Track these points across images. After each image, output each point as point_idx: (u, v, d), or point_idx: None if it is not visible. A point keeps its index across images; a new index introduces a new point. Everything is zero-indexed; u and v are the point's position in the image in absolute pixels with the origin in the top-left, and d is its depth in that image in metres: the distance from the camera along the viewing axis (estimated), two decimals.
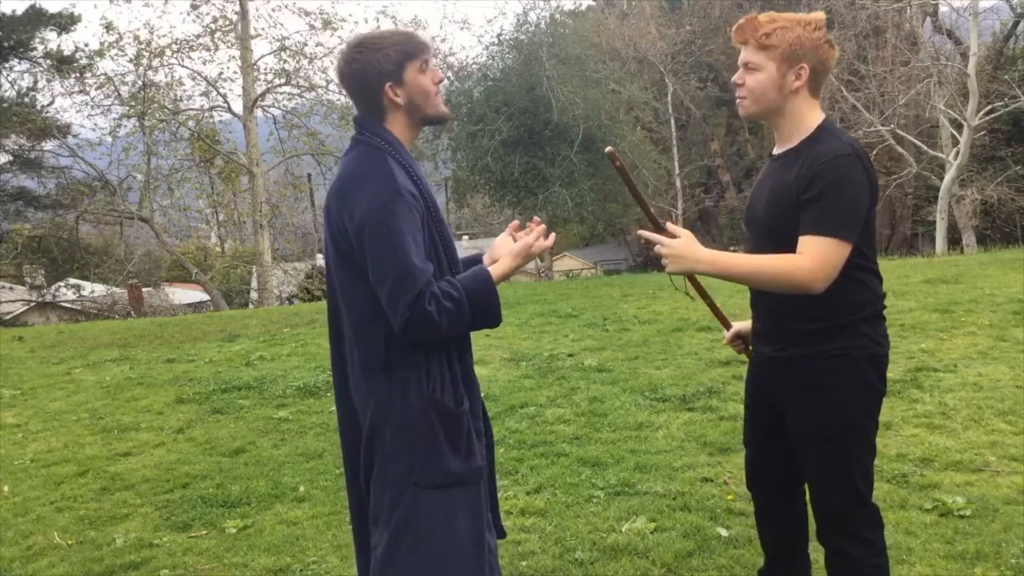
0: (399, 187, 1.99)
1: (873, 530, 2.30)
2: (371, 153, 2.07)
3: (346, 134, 20.73)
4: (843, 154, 2.09)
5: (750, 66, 2.19)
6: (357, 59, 2.08)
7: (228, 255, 30.39)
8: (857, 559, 2.26)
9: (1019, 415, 4.54)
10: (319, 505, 4.01)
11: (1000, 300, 7.81)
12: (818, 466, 2.31)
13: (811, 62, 2.15)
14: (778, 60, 2.14)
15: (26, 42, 23.47)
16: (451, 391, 2.07)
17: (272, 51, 29.16)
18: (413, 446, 2.03)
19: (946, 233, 18.78)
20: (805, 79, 2.16)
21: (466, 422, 2.08)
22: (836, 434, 2.23)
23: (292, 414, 5.81)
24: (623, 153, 19.43)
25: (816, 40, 2.15)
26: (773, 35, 2.14)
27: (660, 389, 5.65)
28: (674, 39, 24.01)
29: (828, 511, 2.31)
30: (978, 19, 17.75)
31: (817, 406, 2.24)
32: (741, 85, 2.22)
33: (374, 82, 2.07)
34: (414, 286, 1.93)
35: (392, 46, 2.08)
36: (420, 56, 2.10)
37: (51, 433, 5.83)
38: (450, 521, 2.05)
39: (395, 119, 2.12)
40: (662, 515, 3.55)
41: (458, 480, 2.05)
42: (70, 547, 3.73)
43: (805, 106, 2.20)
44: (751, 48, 2.18)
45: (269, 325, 10.87)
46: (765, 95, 2.18)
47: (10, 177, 25.89)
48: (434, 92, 2.13)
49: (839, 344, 2.19)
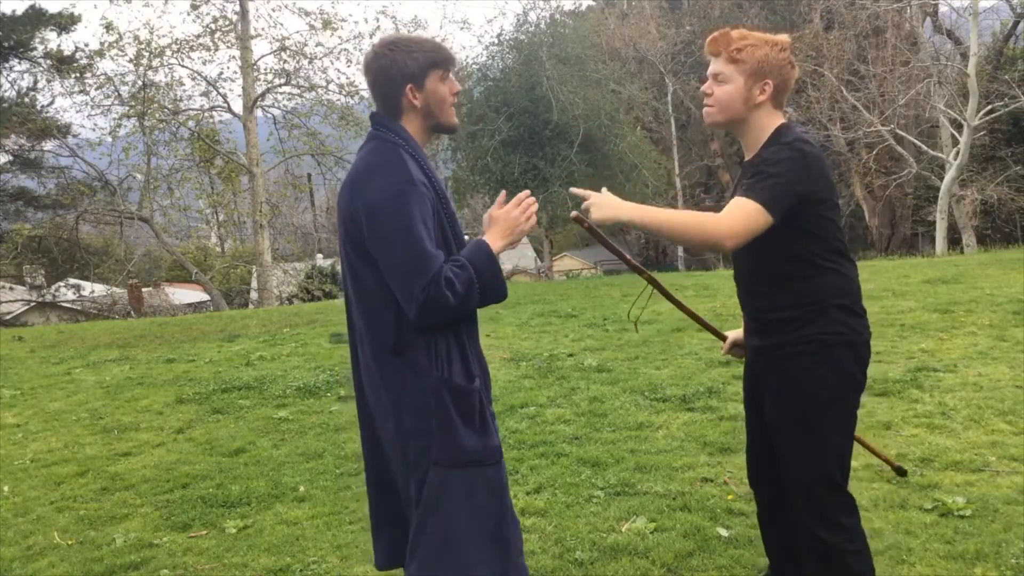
0: (412, 177, 2.05)
1: (849, 517, 2.34)
2: (385, 147, 2.14)
3: (346, 134, 20.75)
4: (786, 142, 2.25)
5: (719, 78, 2.33)
6: (386, 55, 2.15)
7: (228, 255, 30.37)
8: (835, 546, 2.30)
9: (1019, 415, 4.54)
10: (319, 505, 4.01)
11: (1000, 300, 7.81)
12: (792, 450, 2.36)
13: (775, 79, 2.30)
14: (746, 75, 2.29)
15: (26, 42, 23.47)
16: (461, 368, 2.11)
17: (272, 51, 29.17)
18: (429, 426, 2.07)
19: (946, 233, 18.79)
20: (768, 94, 2.31)
21: (478, 399, 2.12)
22: (809, 417, 2.30)
23: (292, 414, 5.81)
24: (623, 153, 19.46)
25: (781, 60, 2.31)
26: (744, 51, 2.29)
27: (660, 389, 5.65)
28: (674, 39, 24.04)
29: (802, 498, 2.35)
30: (978, 19, 17.74)
31: (790, 390, 2.32)
32: (710, 95, 2.36)
33: (398, 81, 2.15)
34: (428, 271, 1.98)
35: (421, 52, 2.17)
36: (445, 67, 2.20)
37: (51, 433, 5.83)
38: (470, 499, 2.08)
39: (410, 120, 2.19)
40: (662, 515, 3.55)
41: (475, 458, 2.09)
42: (70, 547, 3.72)
43: (767, 118, 2.33)
44: (722, 60, 2.33)
45: (269, 325, 10.87)
46: (731, 106, 2.32)
47: (10, 177, 25.91)
48: (449, 103, 2.22)
49: (813, 330, 2.28)
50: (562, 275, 26.83)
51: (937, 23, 22.46)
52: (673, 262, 27.37)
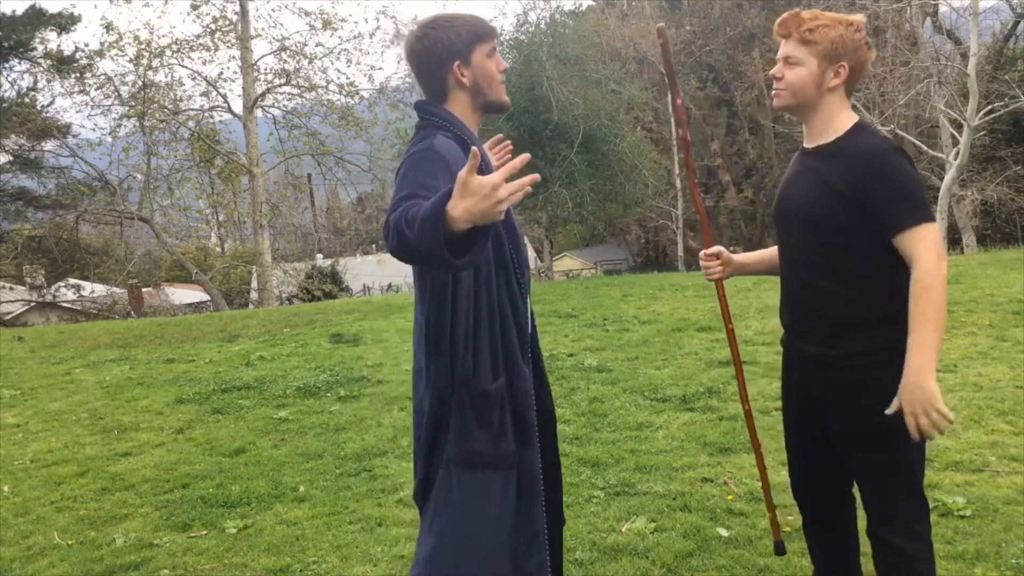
0: (439, 152, 1.95)
1: (921, 524, 2.24)
2: (426, 135, 2.05)
3: (346, 134, 20.75)
4: (888, 147, 2.10)
5: (791, 60, 2.19)
6: (428, 34, 2.07)
7: (228, 255, 30.35)
8: (909, 554, 2.20)
9: (1019, 415, 4.54)
10: (319, 505, 4.01)
11: (1000, 300, 7.82)
12: (875, 466, 2.22)
13: (851, 61, 2.16)
14: (819, 57, 2.16)
15: (26, 42, 23.46)
16: (488, 368, 2.03)
17: (272, 51, 29.19)
18: (447, 423, 2.04)
19: (946, 233, 18.79)
20: (844, 78, 2.17)
21: (498, 402, 2.05)
22: (896, 430, 2.10)
23: (292, 414, 5.81)
24: (623, 153, 19.45)
25: (857, 41, 2.16)
26: (817, 31, 2.14)
27: (660, 389, 5.64)
28: (674, 39, 24.01)
29: (885, 509, 2.23)
30: (978, 19, 17.73)
31: (871, 404, 2.14)
32: (780, 78, 2.22)
33: (444, 59, 2.07)
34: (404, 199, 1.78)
35: (464, 26, 2.08)
36: (489, 41, 2.11)
37: (51, 433, 5.83)
38: (480, 502, 2.04)
39: (457, 100, 2.11)
40: (662, 515, 3.55)
41: (485, 461, 2.04)
42: (70, 547, 3.72)
43: (838, 104, 2.21)
44: (793, 42, 2.18)
45: (269, 325, 10.87)
46: (804, 90, 2.19)
47: (10, 177, 25.89)
48: (499, 79, 2.13)
49: (889, 337, 2.12)
50: (562, 275, 26.83)
51: (937, 23, 22.46)
52: (673, 262, 27.37)
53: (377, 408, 5.82)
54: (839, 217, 2.14)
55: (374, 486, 4.22)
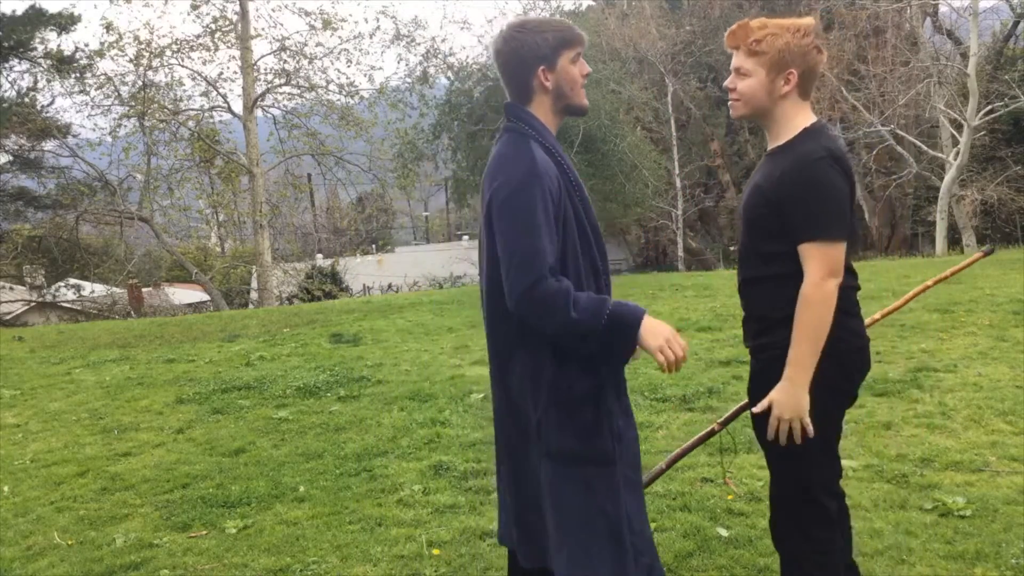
0: (539, 170, 2.05)
1: (824, 530, 2.27)
2: (516, 139, 2.14)
3: (346, 134, 20.76)
4: (817, 157, 2.14)
5: (741, 71, 2.25)
6: (516, 38, 2.15)
7: (228, 255, 30.35)
8: (800, 554, 2.27)
9: (1019, 415, 4.54)
10: (319, 505, 4.01)
11: (1000, 300, 7.82)
12: (771, 460, 2.33)
13: (799, 67, 2.21)
14: (767, 67, 2.21)
15: (26, 42, 23.42)
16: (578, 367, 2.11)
17: (272, 51, 29.20)
18: (544, 419, 2.10)
19: (946, 233, 18.79)
20: (793, 84, 2.22)
21: (592, 398, 2.11)
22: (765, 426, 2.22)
23: (292, 414, 5.81)
24: (623, 153, 19.45)
25: (805, 46, 2.20)
26: (763, 42, 2.20)
27: (660, 389, 5.65)
28: (674, 39, 23.99)
29: (780, 506, 2.34)
30: (978, 19, 17.74)
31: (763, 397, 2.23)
32: (733, 89, 2.29)
33: (530, 63, 2.14)
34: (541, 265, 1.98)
35: (552, 31, 2.16)
36: (575, 47, 2.18)
37: (51, 433, 5.83)
38: (588, 494, 2.09)
39: (540, 103, 2.19)
40: (662, 515, 3.55)
41: (582, 458, 2.10)
42: (70, 547, 3.72)
43: (794, 108, 2.25)
44: (742, 54, 2.24)
45: (269, 325, 10.87)
46: (756, 99, 2.25)
47: (10, 177, 25.85)
48: (580, 83, 2.20)
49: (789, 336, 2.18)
50: None
51: (937, 23, 22.46)
52: (673, 262, 27.37)
53: (377, 408, 5.82)
54: (766, 217, 2.22)
55: (374, 486, 4.22)
